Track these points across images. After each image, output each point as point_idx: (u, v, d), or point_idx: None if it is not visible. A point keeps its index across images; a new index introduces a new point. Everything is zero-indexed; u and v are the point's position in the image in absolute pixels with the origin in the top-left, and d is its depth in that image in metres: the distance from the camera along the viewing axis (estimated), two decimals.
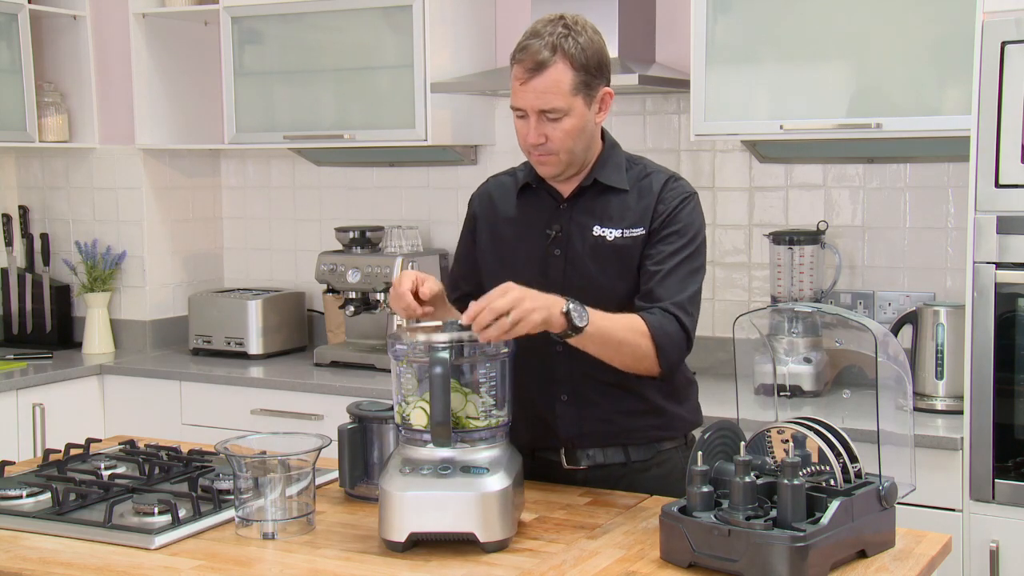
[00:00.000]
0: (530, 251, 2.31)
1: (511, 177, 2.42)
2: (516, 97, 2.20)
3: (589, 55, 2.18)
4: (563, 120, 2.18)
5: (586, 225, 2.28)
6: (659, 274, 2.22)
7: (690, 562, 1.85)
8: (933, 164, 3.44)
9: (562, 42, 2.16)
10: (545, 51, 2.15)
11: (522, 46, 2.18)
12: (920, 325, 3.19)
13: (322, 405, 3.68)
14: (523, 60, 2.17)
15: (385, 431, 2.26)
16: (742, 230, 3.72)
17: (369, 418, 2.27)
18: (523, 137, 2.23)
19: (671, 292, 2.21)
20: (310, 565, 1.92)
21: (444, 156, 4.09)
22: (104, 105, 4.37)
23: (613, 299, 2.22)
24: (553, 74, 2.16)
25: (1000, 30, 2.76)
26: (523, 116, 2.21)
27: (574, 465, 2.34)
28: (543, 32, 2.18)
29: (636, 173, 2.32)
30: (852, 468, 1.93)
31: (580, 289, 2.22)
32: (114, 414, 4.04)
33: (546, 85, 2.16)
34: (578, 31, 2.18)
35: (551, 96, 2.16)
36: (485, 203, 2.43)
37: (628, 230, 2.27)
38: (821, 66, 3.26)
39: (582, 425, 2.31)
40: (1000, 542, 2.83)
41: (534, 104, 2.18)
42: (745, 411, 2.18)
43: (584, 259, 2.27)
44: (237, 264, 4.61)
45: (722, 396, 3.17)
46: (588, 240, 2.27)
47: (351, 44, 3.90)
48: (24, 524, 2.13)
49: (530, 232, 2.32)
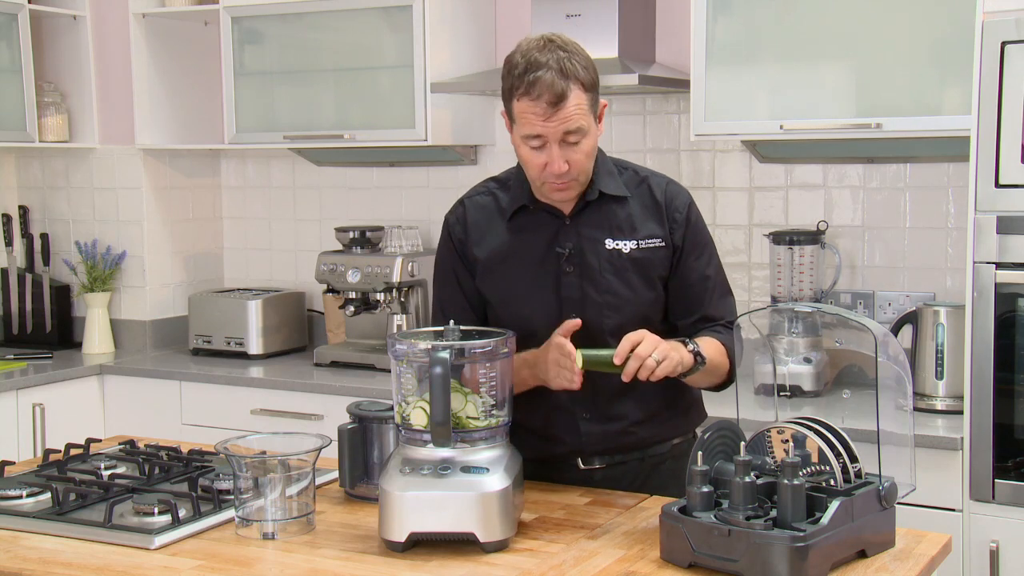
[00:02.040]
0: (541, 272, 2.28)
1: (489, 198, 2.35)
2: (535, 128, 2.12)
3: (592, 73, 2.16)
4: (582, 142, 2.15)
5: (597, 239, 2.26)
6: (707, 294, 2.31)
7: (690, 562, 1.85)
8: (933, 164, 3.44)
9: (568, 66, 2.11)
10: (560, 81, 2.09)
11: (531, 80, 2.10)
12: (920, 325, 3.19)
13: (322, 405, 3.67)
14: (540, 95, 2.09)
15: (385, 431, 2.26)
16: (742, 230, 3.72)
17: (369, 418, 2.27)
18: (539, 167, 2.16)
19: (724, 309, 2.32)
20: (310, 565, 1.92)
21: (444, 156, 4.09)
22: (104, 105, 4.37)
23: (638, 308, 2.27)
24: (573, 100, 2.11)
25: (1000, 30, 2.76)
26: (540, 146, 2.15)
27: (590, 466, 2.35)
28: (545, 61, 2.10)
29: (629, 178, 2.32)
30: (852, 468, 1.93)
31: (600, 304, 2.24)
32: (114, 414, 4.03)
33: (568, 113, 2.11)
34: (574, 51, 2.15)
35: (576, 118, 2.12)
36: (470, 229, 2.33)
37: (644, 241, 2.27)
38: (821, 66, 3.26)
39: (607, 440, 2.32)
40: (1000, 542, 2.83)
41: (558, 130, 2.12)
42: (745, 411, 2.18)
43: (603, 273, 2.25)
44: (237, 264, 4.61)
45: (722, 396, 3.16)
46: (602, 254, 2.26)
47: (351, 44, 3.90)
48: (24, 524, 2.13)
49: (535, 253, 2.28)
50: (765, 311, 3.45)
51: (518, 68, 2.13)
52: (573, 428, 2.30)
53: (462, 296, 2.34)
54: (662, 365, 2.05)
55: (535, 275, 2.28)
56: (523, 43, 2.17)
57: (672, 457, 2.37)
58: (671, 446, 2.38)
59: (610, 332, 2.23)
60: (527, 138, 2.15)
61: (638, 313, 2.25)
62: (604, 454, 2.34)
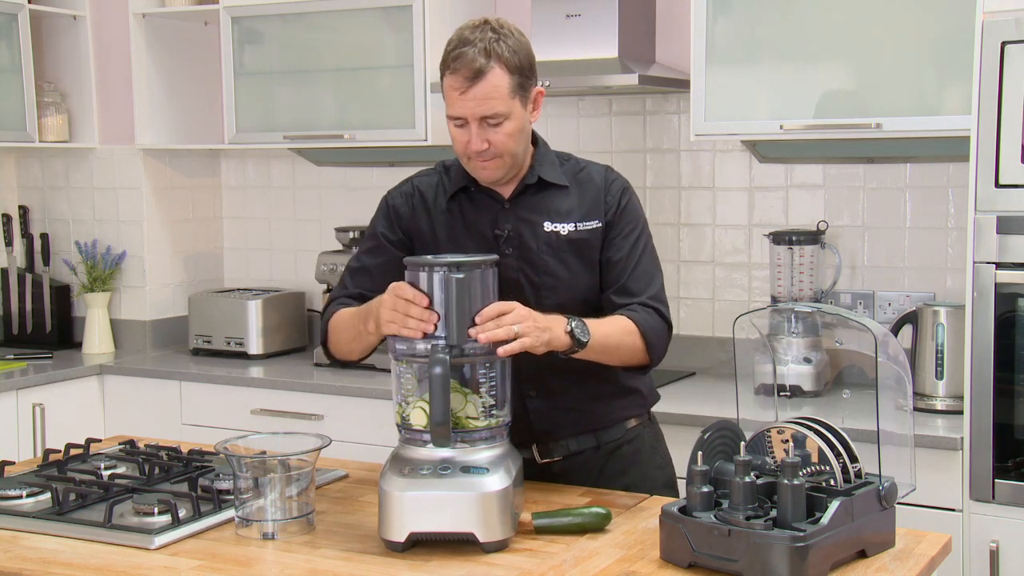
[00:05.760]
0: (479, 253, 2.27)
1: (434, 178, 2.39)
2: (455, 106, 2.18)
3: (521, 57, 2.19)
4: (504, 124, 2.19)
5: (535, 222, 2.30)
6: (627, 269, 2.30)
7: (690, 562, 1.85)
8: (933, 164, 3.44)
9: (495, 46, 2.16)
10: (480, 58, 2.14)
11: (455, 55, 2.16)
12: (920, 325, 3.19)
13: (322, 405, 3.68)
14: (459, 69, 2.15)
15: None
16: (742, 230, 3.72)
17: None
18: (463, 145, 2.22)
19: (644, 286, 2.29)
20: (310, 565, 1.92)
21: (444, 156, 4.07)
22: (104, 105, 4.37)
23: (577, 291, 2.30)
24: (492, 79, 2.15)
25: (1000, 30, 2.76)
26: (462, 124, 2.20)
27: (548, 458, 2.36)
28: (473, 39, 2.16)
29: (570, 168, 2.36)
30: (852, 468, 1.93)
31: (537, 284, 2.27)
32: (114, 414, 4.03)
33: (486, 91, 2.15)
34: (506, 34, 2.19)
35: (492, 102, 2.16)
36: (416, 203, 2.37)
37: (582, 223, 2.30)
38: (821, 66, 3.25)
39: (554, 417, 2.34)
40: (1000, 542, 2.83)
41: (475, 111, 2.17)
42: (745, 411, 2.18)
43: (540, 255, 2.29)
44: (237, 264, 4.61)
45: (722, 396, 3.17)
46: (541, 236, 2.29)
47: (351, 44, 3.90)
48: (24, 524, 2.13)
49: (473, 234, 2.31)
50: (765, 311, 3.45)
51: (450, 45, 2.20)
52: (520, 405, 2.28)
53: (383, 257, 2.34)
54: (521, 340, 1.99)
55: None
56: (463, 24, 2.23)
57: (627, 441, 2.41)
58: (625, 430, 2.40)
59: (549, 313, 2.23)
60: (451, 117, 2.21)
61: (576, 295, 2.29)
62: (556, 439, 2.35)
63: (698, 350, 3.71)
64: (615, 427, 2.40)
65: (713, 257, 3.74)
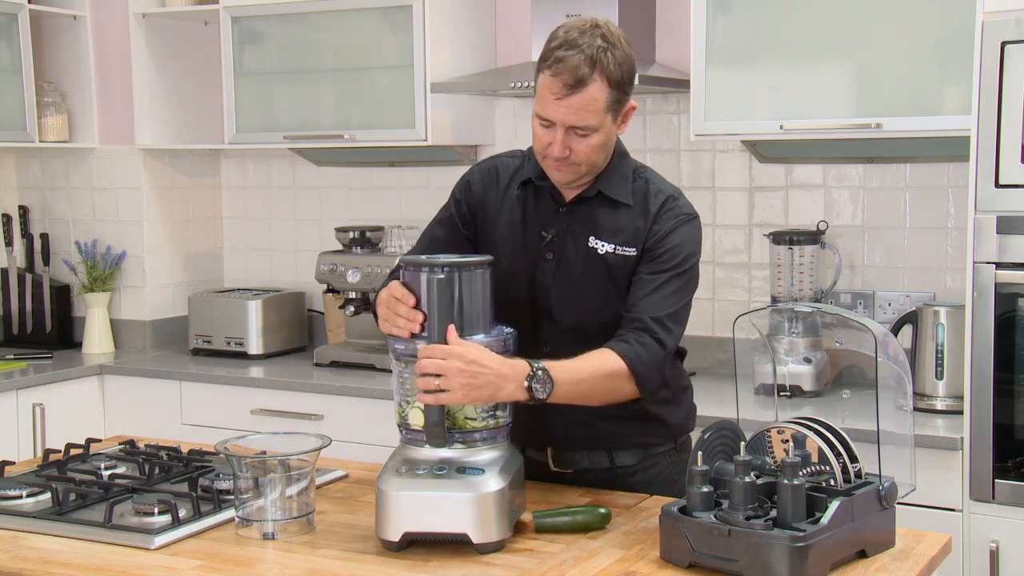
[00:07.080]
0: (522, 250, 2.25)
1: (517, 162, 2.31)
2: (546, 108, 2.09)
3: (625, 71, 2.10)
4: (591, 136, 2.11)
5: (581, 233, 2.23)
6: (645, 290, 2.16)
7: (690, 562, 1.85)
8: (933, 164, 3.44)
9: (602, 57, 2.06)
10: (585, 67, 2.05)
11: (559, 56, 2.06)
12: (920, 325, 3.19)
13: (322, 405, 3.68)
14: (561, 73, 2.06)
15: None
16: (742, 230, 3.72)
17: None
18: (544, 145, 2.13)
19: (652, 307, 2.14)
20: (310, 565, 1.92)
21: (444, 156, 4.09)
22: (104, 105, 4.37)
23: (598, 315, 2.20)
24: (592, 92, 2.06)
25: (1000, 30, 2.76)
26: (548, 125, 2.12)
27: (561, 468, 2.33)
28: (581, 44, 2.06)
29: (640, 187, 2.25)
30: (852, 468, 1.93)
31: (566, 298, 2.22)
32: (114, 414, 4.04)
33: (583, 103, 2.07)
34: (615, 44, 2.09)
35: (586, 114, 2.08)
36: (490, 182, 2.30)
37: (621, 248, 2.20)
38: (821, 66, 3.25)
39: (567, 427, 2.27)
40: (1000, 542, 2.83)
41: (566, 119, 2.08)
42: (745, 411, 2.18)
43: (576, 268, 2.22)
44: (237, 264, 4.61)
45: (722, 396, 3.17)
46: (581, 250, 2.22)
47: (351, 44, 3.90)
48: (24, 524, 2.13)
49: (525, 230, 2.26)
50: (765, 311, 3.45)
51: (554, 42, 2.10)
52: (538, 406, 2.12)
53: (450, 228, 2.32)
54: (438, 395, 1.92)
55: (516, 250, 2.25)
56: (572, 20, 2.13)
57: (642, 470, 2.32)
58: (642, 456, 2.32)
59: (567, 329, 2.22)
60: (539, 116, 2.13)
61: (597, 317, 2.20)
62: (569, 449, 2.30)
63: (698, 350, 3.70)
64: (631, 451, 2.31)
65: (713, 257, 3.74)
